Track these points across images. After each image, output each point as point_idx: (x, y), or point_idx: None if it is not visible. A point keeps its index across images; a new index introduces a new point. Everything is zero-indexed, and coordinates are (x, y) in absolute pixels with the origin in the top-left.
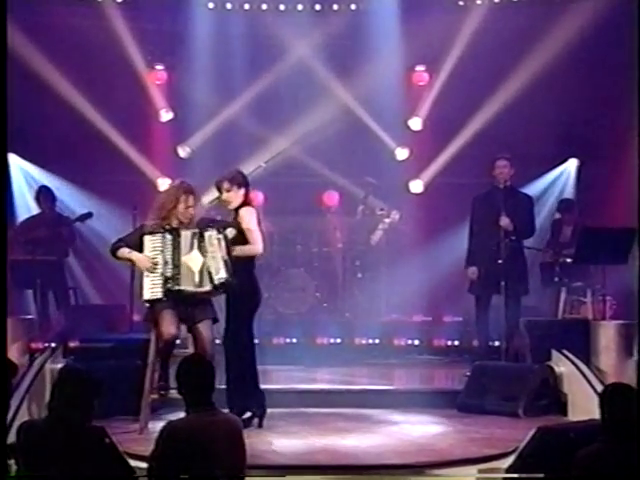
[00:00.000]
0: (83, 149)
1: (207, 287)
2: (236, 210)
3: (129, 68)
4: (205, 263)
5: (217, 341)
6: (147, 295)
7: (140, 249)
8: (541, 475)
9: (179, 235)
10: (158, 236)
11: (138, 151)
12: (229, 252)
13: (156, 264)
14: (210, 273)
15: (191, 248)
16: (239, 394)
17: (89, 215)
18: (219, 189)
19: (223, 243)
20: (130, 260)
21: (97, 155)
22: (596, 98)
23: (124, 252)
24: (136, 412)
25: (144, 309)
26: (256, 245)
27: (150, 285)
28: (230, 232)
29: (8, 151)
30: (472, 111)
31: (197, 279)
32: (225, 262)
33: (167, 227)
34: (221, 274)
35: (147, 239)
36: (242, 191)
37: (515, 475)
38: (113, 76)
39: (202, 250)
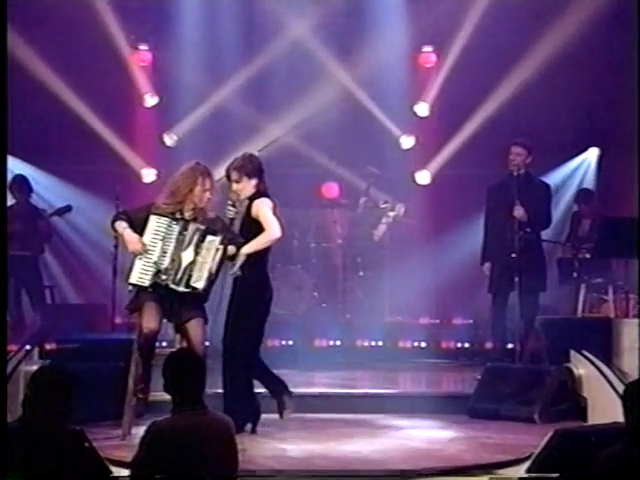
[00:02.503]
0: (61, 137)
1: (181, 288)
2: (249, 201)
3: (110, 48)
4: (191, 264)
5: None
6: (134, 279)
7: (143, 228)
8: (556, 475)
9: (186, 229)
10: (165, 221)
11: (121, 139)
12: (219, 267)
13: (150, 250)
14: (190, 276)
15: (189, 244)
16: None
17: (68, 209)
18: (228, 178)
19: (219, 255)
20: (122, 237)
21: (76, 143)
22: (618, 83)
23: (120, 226)
24: (119, 417)
25: (128, 304)
26: (270, 230)
27: (140, 270)
28: (231, 250)
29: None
30: (483, 96)
31: (179, 276)
32: (209, 275)
33: (178, 216)
34: (198, 283)
35: (153, 220)
36: (254, 181)
37: (528, 475)
38: (93, 57)
39: (196, 249)
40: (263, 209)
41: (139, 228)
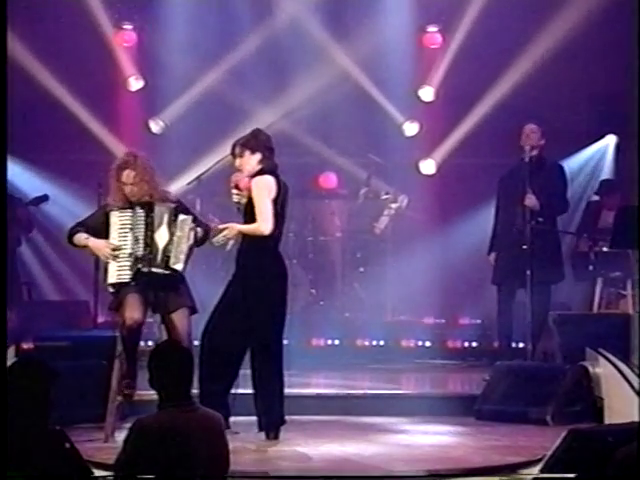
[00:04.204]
0: (37, 122)
1: (159, 269)
2: (252, 179)
3: (92, 27)
4: (168, 244)
5: (195, 342)
6: (112, 278)
7: (106, 230)
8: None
9: (152, 210)
10: (128, 212)
11: (103, 125)
12: (191, 249)
13: (120, 248)
14: (168, 257)
15: (160, 224)
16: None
17: (45, 198)
18: (233, 155)
19: (192, 235)
20: (87, 247)
21: (54, 129)
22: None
23: (81, 238)
24: (101, 419)
25: (110, 304)
26: (261, 223)
27: (117, 268)
28: (200, 231)
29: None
30: (492, 79)
31: (159, 258)
32: (187, 254)
33: (137, 201)
34: (178, 265)
35: (115, 216)
36: (257, 156)
37: (541, 475)
38: (73, 36)
39: (170, 229)
40: (257, 191)
41: (102, 232)
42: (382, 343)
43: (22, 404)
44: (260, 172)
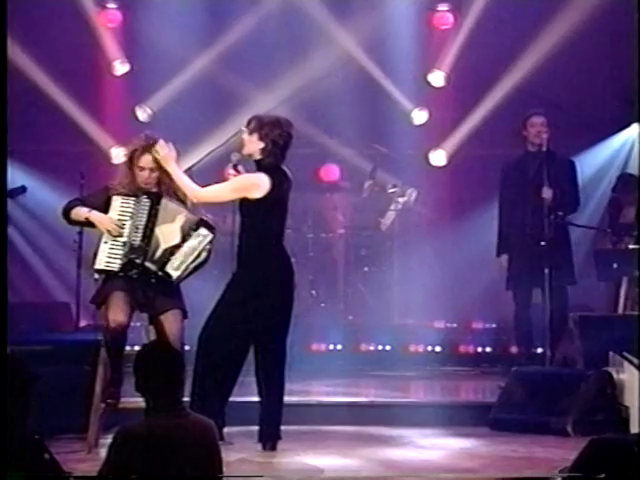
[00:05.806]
0: (14, 109)
1: (153, 267)
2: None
3: (73, 6)
4: (176, 248)
5: (187, 347)
6: (101, 263)
7: (105, 213)
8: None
9: (159, 202)
10: (132, 199)
11: (86, 113)
12: (196, 267)
13: (121, 229)
14: (168, 259)
15: (169, 221)
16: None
17: (22, 190)
18: (248, 125)
19: (205, 253)
20: (88, 222)
21: (33, 117)
22: None
23: (81, 212)
24: (84, 428)
25: (93, 297)
26: (197, 190)
27: (107, 252)
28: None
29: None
30: (507, 63)
31: (157, 255)
32: (188, 267)
33: (146, 191)
34: (174, 272)
35: (117, 199)
36: (261, 145)
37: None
38: (53, 16)
39: (184, 235)
40: (236, 181)
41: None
42: (388, 348)
43: None
44: (259, 163)
